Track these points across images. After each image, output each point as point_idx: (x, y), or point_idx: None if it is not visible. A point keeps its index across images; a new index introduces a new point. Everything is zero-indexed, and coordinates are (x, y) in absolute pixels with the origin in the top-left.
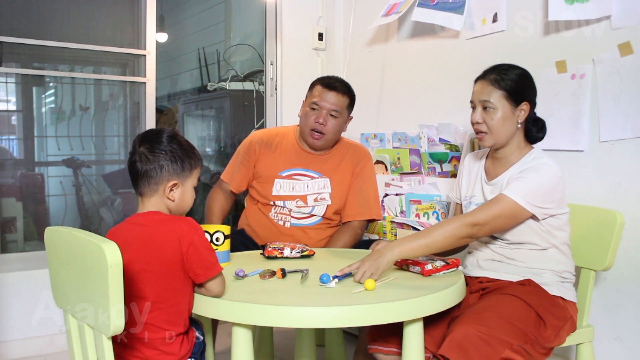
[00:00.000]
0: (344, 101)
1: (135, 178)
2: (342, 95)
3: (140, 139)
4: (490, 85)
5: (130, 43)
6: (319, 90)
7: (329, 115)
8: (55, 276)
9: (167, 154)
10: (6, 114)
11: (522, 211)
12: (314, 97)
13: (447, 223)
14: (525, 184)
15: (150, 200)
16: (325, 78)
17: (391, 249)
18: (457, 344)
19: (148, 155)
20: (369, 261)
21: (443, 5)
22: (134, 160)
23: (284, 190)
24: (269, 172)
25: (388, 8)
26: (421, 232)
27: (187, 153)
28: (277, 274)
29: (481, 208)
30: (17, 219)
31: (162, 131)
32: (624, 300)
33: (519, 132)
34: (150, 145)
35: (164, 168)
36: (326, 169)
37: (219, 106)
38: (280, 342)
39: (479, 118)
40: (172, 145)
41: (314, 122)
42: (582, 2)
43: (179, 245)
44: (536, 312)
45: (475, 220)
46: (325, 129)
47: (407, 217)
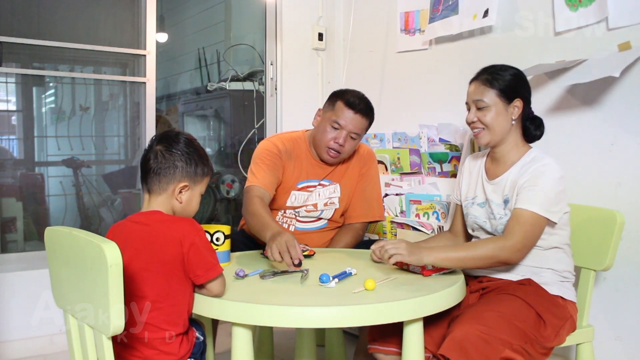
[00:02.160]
0: (365, 123)
1: (146, 174)
2: (365, 117)
3: (159, 138)
4: (482, 85)
5: (130, 43)
6: (342, 109)
7: (349, 136)
8: (55, 276)
9: (183, 155)
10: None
11: (544, 221)
12: (335, 115)
13: (485, 244)
14: (538, 192)
15: (157, 199)
16: (350, 96)
17: (429, 252)
18: (457, 344)
19: (165, 154)
20: (408, 247)
21: (445, 12)
22: (148, 157)
23: (298, 201)
24: (287, 182)
25: (403, 20)
26: (459, 246)
27: (202, 159)
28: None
29: (511, 230)
30: (17, 219)
31: (181, 134)
32: (624, 300)
33: (515, 130)
34: (168, 145)
35: (178, 168)
36: (336, 175)
37: (219, 106)
38: (280, 342)
39: (474, 117)
40: (189, 148)
41: (333, 141)
42: (585, 7)
43: (180, 246)
44: (536, 311)
45: (514, 245)
46: (343, 149)
47: (407, 217)
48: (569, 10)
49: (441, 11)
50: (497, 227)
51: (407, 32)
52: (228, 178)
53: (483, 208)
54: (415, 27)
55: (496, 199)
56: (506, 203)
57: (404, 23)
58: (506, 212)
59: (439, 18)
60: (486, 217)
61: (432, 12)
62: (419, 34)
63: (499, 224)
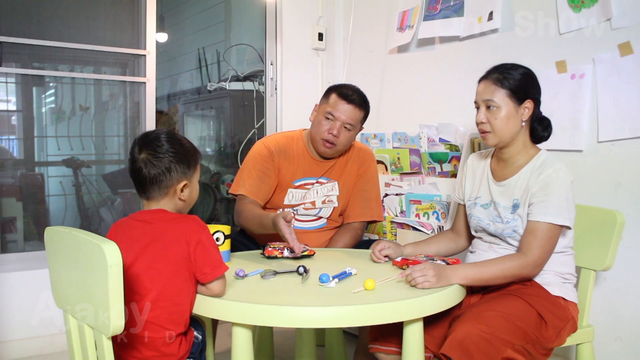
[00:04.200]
0: (359, 114)
1: (142, 184)
2: (358, 109)
3: (140, 144)
4: (493, 84)
5: (130, 43)
6: (336, 101)
7: (343, 127)
8: (55, 276)
9: (171, 156)
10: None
11: (559, 229)
12: (330, 106)
13: (507, 262)
14: (551, 202)
15: (159, 203)
16: (344, 88)
17: (455, 271)
18: (459, 343)
19: (153, 161)
20: (435, 273)
21: (445, 12)
22: (138, 167)
23: (296, 199)
24: (284, 181)
25: (400, 19)
26: (482, 265)
27: (189, 151)
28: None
29: (529, 246)
30: (17, 219)
31: (159, 133)
32: (624, 300)
33: (523, 132)
34: (153, 150)
35: (172, 171)
36: (334, 173)
37: (219, 106)
38: (280, 342)
39: (483, 118)
40: (174, 146)
41: (327, 132)
42: (588, 7)
43: (187, 245)
44: (537, 312)
45: (535, 261)
46: (338, 140)
47: (407, 217)
48: (572, 11)
49: (440, 10)
50: (503, 230)
51: (401, 30)
52: (228, 178)
53: (487, 210)
54: (407, 24)
55: (504, 202)
56: (515, 208)
57: (400, 22)
58: (515, 217)
59: (439, 17)
60: (490, 220)
61: (427, 9)
62: (409, 29)
63: (506, 228)
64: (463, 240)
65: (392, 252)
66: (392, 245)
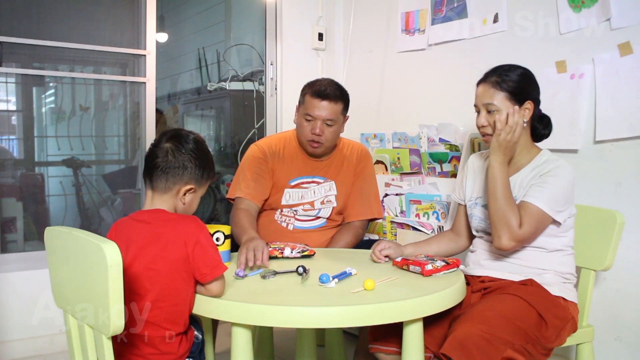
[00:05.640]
0: (337, 108)
1: (151, 170)
2: (335, 102)
3: (168, 136)
4: (492, 87)
5: (130, 43)
6: (310, 100)
7: (324, 124)
8: (55, 276)
9: (193, 156)
10: (6, 114)
11: (549, 219)
12: (306, 108)
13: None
14: (546, 190)
15: (161, 197)
16: (315, 85)
17: None
18: (459, 343)
19: (175, 153)
20: None
21: (450, 15)
22: (156, 154)
23: (293, 199)
24: (279, 182)
25: (403, 20)
26: None
27: (209, 163)
28: None
29: (522, 220)
30: (17, 219)
31: (192, 134)
32: (624, 300)
33: (525, 132)
34: (179, 144)
35: (187, 170)
36: (330, 172)
37: (219, 106)
38: (280, 342)
39: (484, 121)
40: (199, 150)
41: (310, 133)
42: (588, 7)
43: (185, 245)
44: (538, 312)
45: (523, 234)
46: (323, 138)
47: (407, 217)
48: (572, 11)
49: (445, 12)
50: None
51: (408, 32)
52: (228, 178)
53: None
54: (415, 27)
55: None
56: None
57: (405, 23)
58: None
59: (443, 20)
60: None
61: (434, 12)
62: (419, 34)
63: None
64: (463, 241)
65: (392, 252)
66: (393, 245)
